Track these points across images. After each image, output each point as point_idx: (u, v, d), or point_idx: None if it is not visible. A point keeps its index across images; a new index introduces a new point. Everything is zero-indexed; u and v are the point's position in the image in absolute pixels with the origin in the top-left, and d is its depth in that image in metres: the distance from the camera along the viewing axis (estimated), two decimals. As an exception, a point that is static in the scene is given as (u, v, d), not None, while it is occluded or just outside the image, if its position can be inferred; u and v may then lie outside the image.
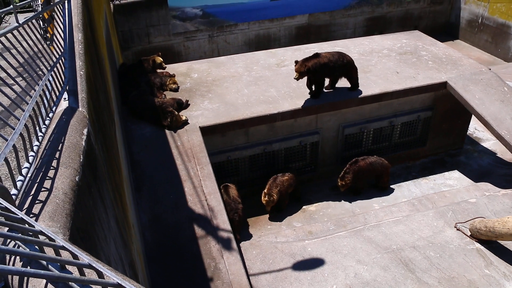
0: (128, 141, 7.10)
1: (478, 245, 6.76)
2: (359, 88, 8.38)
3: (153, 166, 6.62)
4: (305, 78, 7.94)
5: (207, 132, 7.40)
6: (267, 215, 8.10)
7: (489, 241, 6.73)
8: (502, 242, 6.73)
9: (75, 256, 1.13)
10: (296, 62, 7.62)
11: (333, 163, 9.03)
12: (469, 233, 6.91)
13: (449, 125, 9.63)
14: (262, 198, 7.69)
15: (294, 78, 7.63)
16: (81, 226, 2.22)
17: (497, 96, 8.29)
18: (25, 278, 1.40)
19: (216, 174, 6.83)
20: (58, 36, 3.58)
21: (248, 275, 5.58)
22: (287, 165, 8.70)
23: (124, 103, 7.89)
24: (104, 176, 3.41)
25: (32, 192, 2.09)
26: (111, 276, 1.03)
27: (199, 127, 7.34)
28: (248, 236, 7.56)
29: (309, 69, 7.51)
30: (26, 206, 2.00)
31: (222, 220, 5.84)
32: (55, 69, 2.96)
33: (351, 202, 8.49)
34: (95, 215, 2.70)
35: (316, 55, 7.70)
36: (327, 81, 8.25)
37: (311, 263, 6.52)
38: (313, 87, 8.07)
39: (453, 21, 16.58)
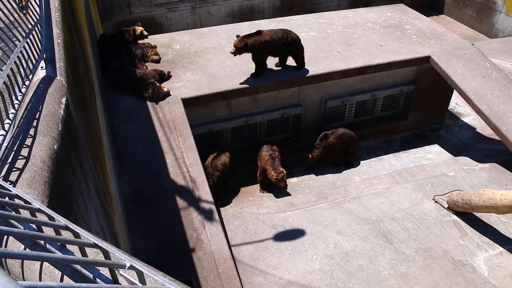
0: (109, 113, 7.02)
1: (454, 217, 6.92)
2: (306, 67, 8.19)
3: (134, 138, 6.58)
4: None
5: (189, 103, 7.35)
6: (249, 187, 8.16)
7: (465, 213, 6.89)
8: (478, 214, 6.90)
9: (51, 219, 1.13)
10: (237, 36, 7.34)
11: (316, 135, 9.04)
12: (446, 205, 7.06)
13: (431, 99, 9.71)
14: (276, 178, 7.62)
15: (231, 53, 7.35)
16: (60, 194, 2.22)
17: (479, 72, 8.36)
18: (4, 239, 1.40)
19: (198, 146, 6.82)
20: (33, 2, 3.48)
21: (230, 246, 5.65)
22: (269, 137, 8.72)
23: (105, 74, 7.77)
24: (84, 146, 3.39)
25: (9, 160, 2.07)
26: (88, 236, 1.04)
27: (181, 98, 7.29)
28: (230, 207, 7.62)
29: (247, 45, 7.22)
30: (2, 173, 1.99)
31: (204, 192, 5.86)
32: (31, 36, 2.89)
33: (332, 174, 8.58)
34: (75, 184, 2.69)
35: (258, 33, 7.42)
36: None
37: (292, 234, 6.62)
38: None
39: (438, -5, 16.54)
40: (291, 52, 7.88)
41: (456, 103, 10.84)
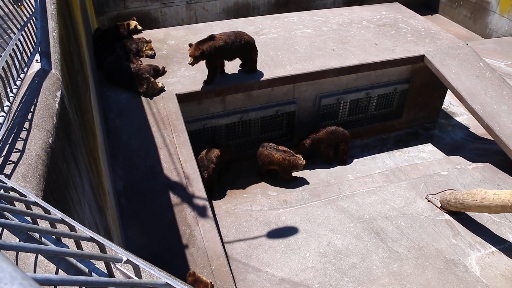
0: (104, 108, 6.99)
1: (447, 216, 6.96)
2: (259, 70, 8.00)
3: (128, 133, 6.55)
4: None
5: (184, 99, 7.33)
6: (242, 184, 8.15)
7: (458, 212, 6.93)
8: (470, 214, 6.94)
9: (47, 212, 1.12)
10: (190, 45, 7.03)
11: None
12: (439, 205, 7.09)
13: (425, 98, 9.74)
14: (303, 162, 7.95)
15: (189, 64, 7.09)
16: (55, 188, 2.20)
17: (472, 71, 8.40)
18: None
19: (192, 142, 6.81)
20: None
21: (223, 242, 5.65)
22: (263, 135, 8.72)
23: (100, 68, 7.73)
24: (78, 140, 3.37)
25: (4, 153, 2.06)
26: (84, 230, 1.03)
27: (176, 94, 7.26)
28: (224, 204, 7.61)
29: (204, 53, 6.96)
30: (-3, 166, 1.97)
31: (197, 188, 5.86)
32: (26, 29, 2.87)
33: (326, 172, 8.59)
34: (69, 178, 2.67)
35: (211, 37, 7.16)
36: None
37: (285, 232, 6.62)
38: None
39: (433, -5, 16.59)
40: (244, 54, 7.65)
41: (450, 103, 10.88)
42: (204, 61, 7.25)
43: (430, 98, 9.80)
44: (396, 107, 9.76)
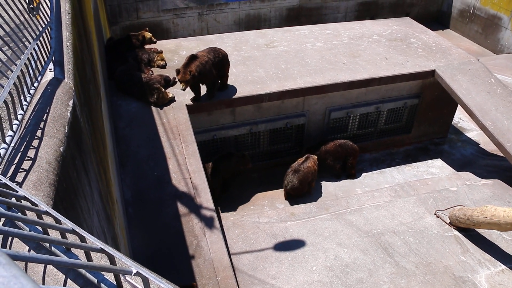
0: (114, 116, 7.04)
1: (456, 232, 6.89)
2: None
3: (138, 142, 6.58)
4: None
5: (194, 110, 7.36)
6: (250, 195, 8.15)
7: (467, 229, 6.86)
8: (479, 230, 6.87)
9: (58, 221, 1.13)
10: (178, 71, 6.82)
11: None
12: (448, 221, 7.03)
13: (435, 113, 9.71)
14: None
15: (182, 90, 6.92)
16: (65, 196, 2.21)
17: (483, 87, 8.36)
18: (9, 240, 1.40)
19: (201, 153, 6.83)
20: (44, 5, 3.50)
21: (229, 254, 5.63)
22: (272, 147, 8.72)
23: (111, 78, 7.80)
24: (88, 149, 3.39)
25: (16, 161, 2.07)
26: (95, 241, 1.03)
27: (186, 105, 7.30)
28: (231, 216, 7.61)
29: (194, 75, 6.80)
30: (9, 174, 1.99)
31: (205, 199, 5.85)
32: (40, 38, 2.91)
33: (334, 186, 8.56)
34: (79, 187, 2.68)
35: (194, 57, 6.97)
36: None
37: (292, 244, 6.59)
38: (206, 89, 7.51)
39: (445, 10, 16.60)
40: (220, 70, 7.51)
41: (460, 118, 10.83)
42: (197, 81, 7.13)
43: (440, 113, 9.77)
44: (406, 122, 9.73)
